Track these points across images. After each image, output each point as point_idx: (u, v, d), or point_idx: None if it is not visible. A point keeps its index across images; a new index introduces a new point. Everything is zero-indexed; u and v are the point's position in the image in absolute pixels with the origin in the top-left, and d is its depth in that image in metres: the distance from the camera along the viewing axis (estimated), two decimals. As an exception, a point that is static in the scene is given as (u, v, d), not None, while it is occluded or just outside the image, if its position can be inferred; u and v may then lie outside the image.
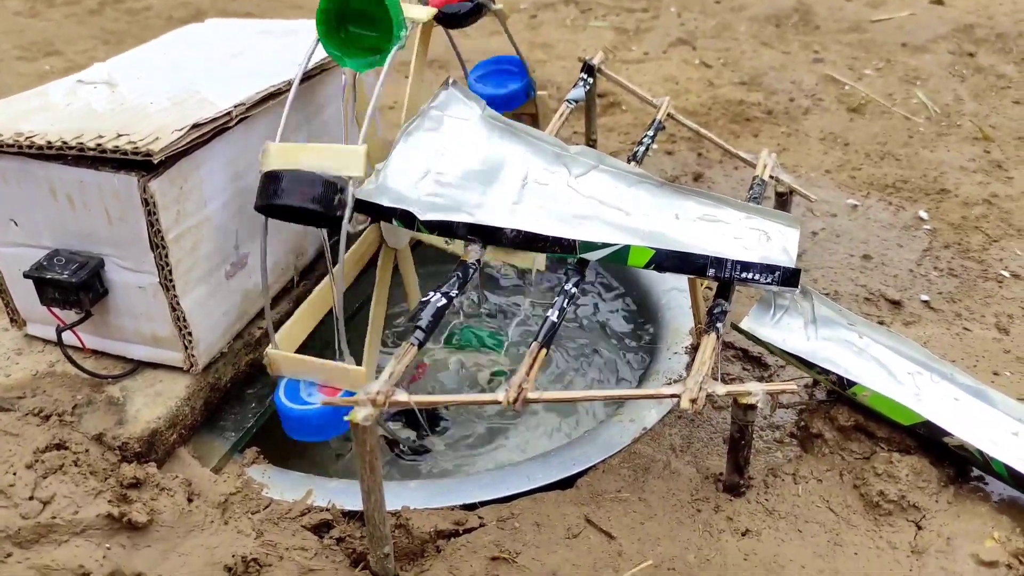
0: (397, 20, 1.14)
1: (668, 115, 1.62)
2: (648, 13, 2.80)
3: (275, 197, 1.05)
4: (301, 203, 1.05)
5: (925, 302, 1.51)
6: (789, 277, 1.13)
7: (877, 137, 2.05)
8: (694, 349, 1.43)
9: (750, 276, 1.13)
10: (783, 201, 1.56)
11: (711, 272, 1.14)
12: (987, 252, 1.63)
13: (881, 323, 1.44)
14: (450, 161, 1.30)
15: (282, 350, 1.14)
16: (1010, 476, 1.09)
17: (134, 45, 2.61)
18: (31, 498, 1.05)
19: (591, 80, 1.66)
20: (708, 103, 2.21)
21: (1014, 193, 1.80)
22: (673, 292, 1.57)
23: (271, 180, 1.06)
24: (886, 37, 2.58)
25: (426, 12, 1.32)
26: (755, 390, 1.06)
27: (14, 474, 1.06)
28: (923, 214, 1.74)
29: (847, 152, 1.99)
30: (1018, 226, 1.69)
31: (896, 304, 1.50)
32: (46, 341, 1.25)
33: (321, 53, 1.21)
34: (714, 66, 2.42)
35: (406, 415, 1.45)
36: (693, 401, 1.02)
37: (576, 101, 1.60)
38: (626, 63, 2.45)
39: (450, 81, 1.39)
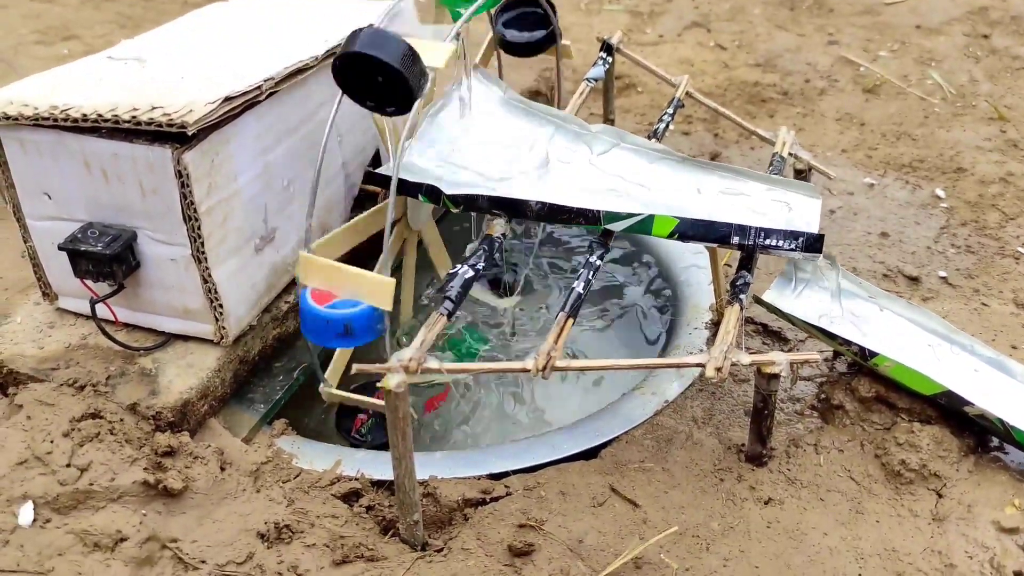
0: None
1: (687, 93, 1.63)
2: (662, -4, 2.81)
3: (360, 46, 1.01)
4: (387, 58, 1.01)
5: (943, 278, 1.52)
6: (813, 243, 1.14)
7: (893, 117, 2.05)
8: (714, 325, 1.45)
9: (774, 243, 1.14)
10: (802, 178, 1.57)
11: (735, 240, 1.15)
12: (1004, 230, 1.64)
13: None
14: (474, 141, 1.32)
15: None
16: (1032, 445, 1.11)
17: (150, 29, 2.63)
18: (68, 465, 1.07)
19: (610, 59, 1.67)
20: (724, 84, 2.21)
21: (1030, 172, 1.81)
22: (692, 269, 1.58)
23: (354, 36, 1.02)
24: (900, 19, 2.58)
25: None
26: (779, 360, 1.08)
27: (51, 442, 1.08)
28: (940, 192, 1.75)
29: (863, 132, 2.00)
30: (1035, 204, 1.70)
31: (914, 280, 1.51)
32: (77, 314, 1.27)
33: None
34: (729, 48, 2.43)
35: None
36: (718, 370, 1.03)
37: (596, 80, 1.61)
38: (641, 45, 2.45)
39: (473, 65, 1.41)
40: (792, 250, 1.15)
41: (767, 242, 1.15)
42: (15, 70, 2.39)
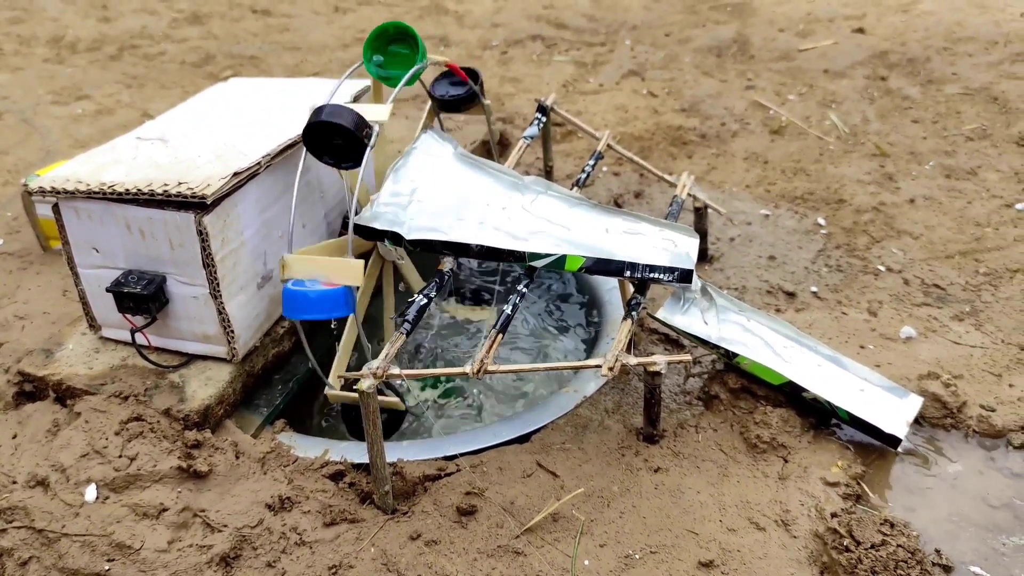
0: (421, 46, 1.57)
1: (608, 146, 1.99)
2: (605, 47, 3.17)
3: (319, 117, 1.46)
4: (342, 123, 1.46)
5: (814, 293, 1.87)
6: (685, 275, 1.49)
7: (793, 155, 2.42)
8: (628, 335, 1.79)
9: (656, 276, 1.49)
10: (700, 215, 1.93)
11: (627, 273, 1.50)
12: (870, 251, 2.00)
13: (778, 311, 1.81)
14: (430, 191, 1.66)
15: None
16: (851, 420, 1.46)
17: (154, 89, 2.97)
18: (121, 456, 1.41)
19: (544, 119, 2.03)
20: (652, 129, 2.57)
21: (899, 201, 2.17)
22: (613, 291, 1.93)
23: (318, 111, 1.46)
24: (811, 64, 2.95)
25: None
26: (659, 360, 1.42)
27: (106, 439, 1.42)
28: (821, 220, 2.11)
29: (766, 169, 2.36)
30: (898, 228, 2.06)
31: (791, 295, 1.87)
32: (117, 341, 1.60)
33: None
34: (659, 95, 2.79)
35: None
36: (610, 369, 1.38)
37: (532, 137, 1.96)
38: (583, 94, 2.81)
39: (429, 126, 1.76)
40: (670, 281, 1.50)
41: (651, 275, 1.50)
42: (36, 129, 2.73)
